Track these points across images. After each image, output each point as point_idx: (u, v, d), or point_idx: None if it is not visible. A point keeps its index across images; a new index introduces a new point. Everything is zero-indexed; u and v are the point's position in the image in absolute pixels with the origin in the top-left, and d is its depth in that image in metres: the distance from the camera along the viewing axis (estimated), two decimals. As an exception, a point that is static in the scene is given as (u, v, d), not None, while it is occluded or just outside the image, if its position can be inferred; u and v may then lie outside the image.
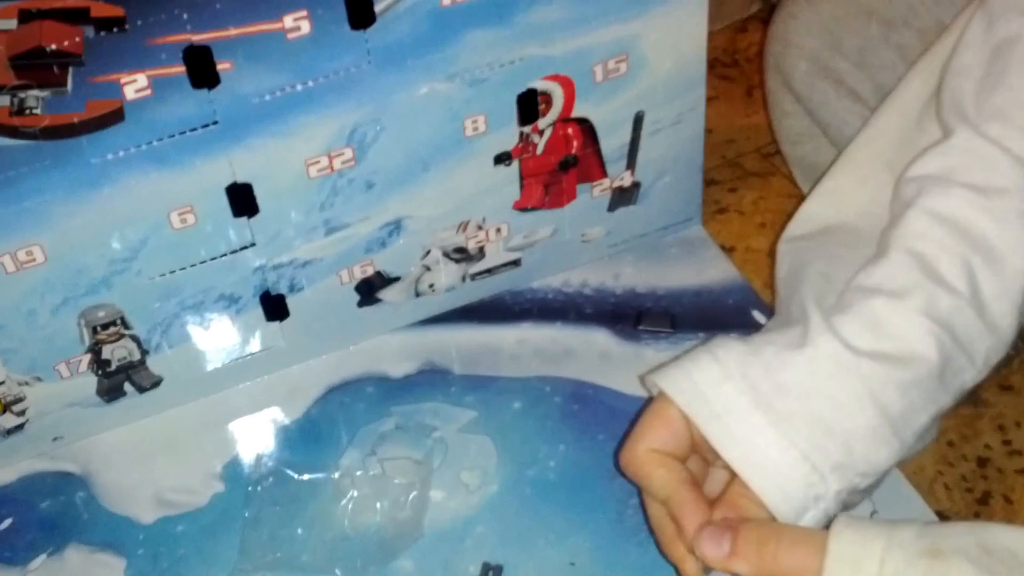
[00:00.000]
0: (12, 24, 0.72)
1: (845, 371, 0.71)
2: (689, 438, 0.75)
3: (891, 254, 0.75)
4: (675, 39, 0.93)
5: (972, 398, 1.01)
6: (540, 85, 0.90)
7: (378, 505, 0.90)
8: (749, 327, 0.98)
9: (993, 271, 0.73)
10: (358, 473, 0.92)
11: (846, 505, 0.72)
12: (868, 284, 0.74)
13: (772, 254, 1.04)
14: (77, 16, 0.73)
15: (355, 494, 0.91)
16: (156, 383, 0.95)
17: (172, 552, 0.89)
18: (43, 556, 0.90)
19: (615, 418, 0.93)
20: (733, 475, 0.73)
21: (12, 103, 0.75)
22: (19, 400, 0.91)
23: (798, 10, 1.00)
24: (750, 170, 1.12)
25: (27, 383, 0.90)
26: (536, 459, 0.92)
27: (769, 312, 0.99)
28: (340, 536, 0.88)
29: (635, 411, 0.92)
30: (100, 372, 0.92)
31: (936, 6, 0.93)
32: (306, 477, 0.92)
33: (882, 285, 0.74)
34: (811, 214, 0.86)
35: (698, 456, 0.77)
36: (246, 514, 0.90)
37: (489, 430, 0.94)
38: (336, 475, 0.92)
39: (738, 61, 1.23)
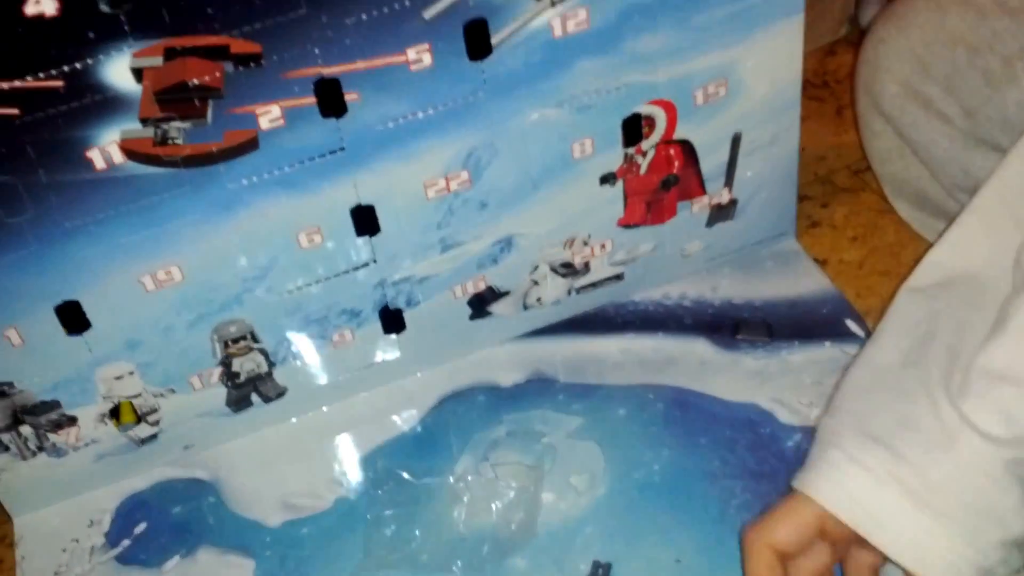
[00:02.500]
0: (159, 61, 0.77)
1: (989, 462, 0.74)
2: (812, 536, 0.79)
3: (1016, 334, 0.76)
4: (772, 63, 0.96)
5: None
6: (644, 109, 0.94)
7: (492, 507, 0.93)
8: (843, 335, 1.01)
9: None
10: (472, 478, 0.95)
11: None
12: (995, 368, 0.76)
13: (863, 266, 1.07)
14: (218, 53, 0.78)
15: (470, 497, 0.94)
16: (281, 393, 1.00)
17: (298, 553, 0.93)
18: (176, 558, 0.94)
19: (716, 423, 0.96)
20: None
21: (156, 134, 0.80)
22: (154, 411, 0.96)
23: (888, 35, 1.02)
24: (841, 186, 1.15)
25: (162, 395, 0.95)
26: (641, 463, 0.95)
27: (861, 322, 1.02)
28: (457, 537, 0.92)
29: (735, 416, 0.97)
30: (230, 384, 0.97)
31: (1019, 31, 0.95)
32: (423, 481, 0.96)
33: (1008, 371, 0.75)
34: (936, 263, 0.87)
35: (825, 546, 0.80)
36: (368, 516, 0.94)
37: (595, 436, 0.97)
38: (451, 479, 0.95)
39: (828, 82, 1.26)
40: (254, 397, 0.99)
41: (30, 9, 0.71)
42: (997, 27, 0.95)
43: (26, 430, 0.94)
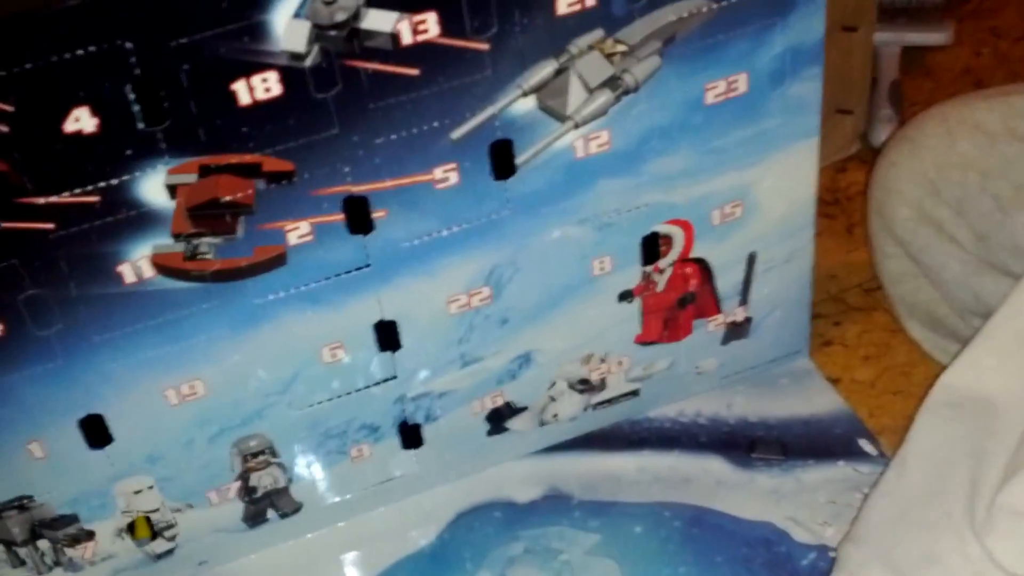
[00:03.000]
0: (193, 178, 0.79)
1: None
2: None
3: None
4: (787, 184, 0.98)
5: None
6: (662, 229, 0.96)
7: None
8: (856, 455, 1.03)
9: None
10: (488, 596, 0.96)
11: None
12: (1017, 506, 0.78)
13: (875, 385, 1.09)
14: (251, 170, 0.80)
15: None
16: (297, 509, 1.00)
17: None
18: None
19: (732, 541, 0.97)
20: None
21: (187, 249, 0.82)
22: (171, 526, 0.97)
23: (899, 159, 1.05)
24: (853, 305, 1.17)
25: (180, 510, 0.96)
26: (659, 580, 0.96)
27: (874, 441, 1.03)
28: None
29: (750, 535, 0.98)
30: (247, 499, 0.98)
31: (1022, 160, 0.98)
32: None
33: None
34: (950, 386, 0.89)
35: None
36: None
37: (613, 553, 0.98)
38: (469, 597, 0.96)
39: (839, 200, 1.29)
40: (270, 512, 1.00)
41: (69, 127, 0.73)
42: (1008, 153, 0.98)
43: (43, 545, 0.94)
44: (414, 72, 0.80)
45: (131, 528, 0.95)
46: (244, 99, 0.76)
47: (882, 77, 1.39)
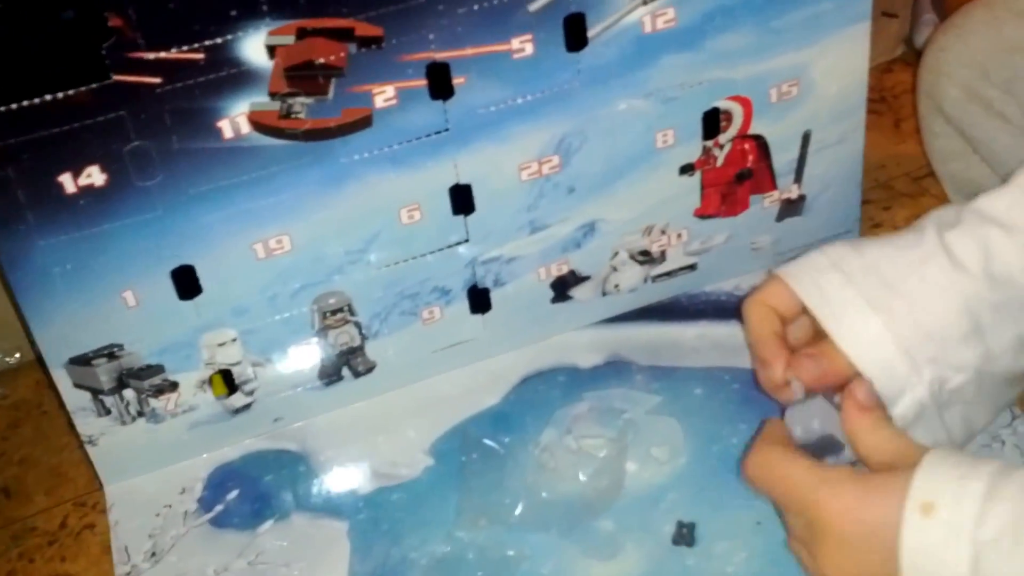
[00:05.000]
0: (291, 40, 0.88)
1: (952, 288, 0.83)
2: (798, 305, 0.88)
3: (1015, 192, 0.85)
4: (841, 66, 1.07)
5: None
6: (723, 104, 1.05)
7: (579, 475, 1.03)
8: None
9: None
10: (556, 449, 1.05)
11: (936, 401, 0.83)
12: (989, 211, 0.85)
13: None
14: (344, 35, 0.90)
15: (555, 466, 1.04)
16: (371, 368, 1.10)
17: (391, 515, 1.03)
18: (270, 522, 1.04)
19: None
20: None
21: (282, 108, 0.92)
22: (249, 380, 1.07)
23: (948, 44, 1.14)
24: (901, 191, 1.26)
25: (260, 364, 1.06)
26: (720, 436, 1.05)
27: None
28: (543, 501, 1.02)
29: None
30: (324, 356, 1.08)
31: None
32: (510, 451, 1.06)
33: (999, 217, 0.84)
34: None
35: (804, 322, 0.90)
36: (458, 482, 1.04)
37: (675, 412, 1.07)
38: (536, 451, 1.06)
39: (886, 98, 1.38)
40: (345, 371, 1.10)
41: (181, -13, 0.83)
42: None
43: (129, 394, 1.04)
44: (495, -57, 0.89)
45: (211, 380, 1.05)
46: (340, -35, 0.86)
47: (925, -14, 1.48)
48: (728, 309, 1.16)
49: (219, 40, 0.86)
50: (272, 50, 0.88)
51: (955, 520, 0.70)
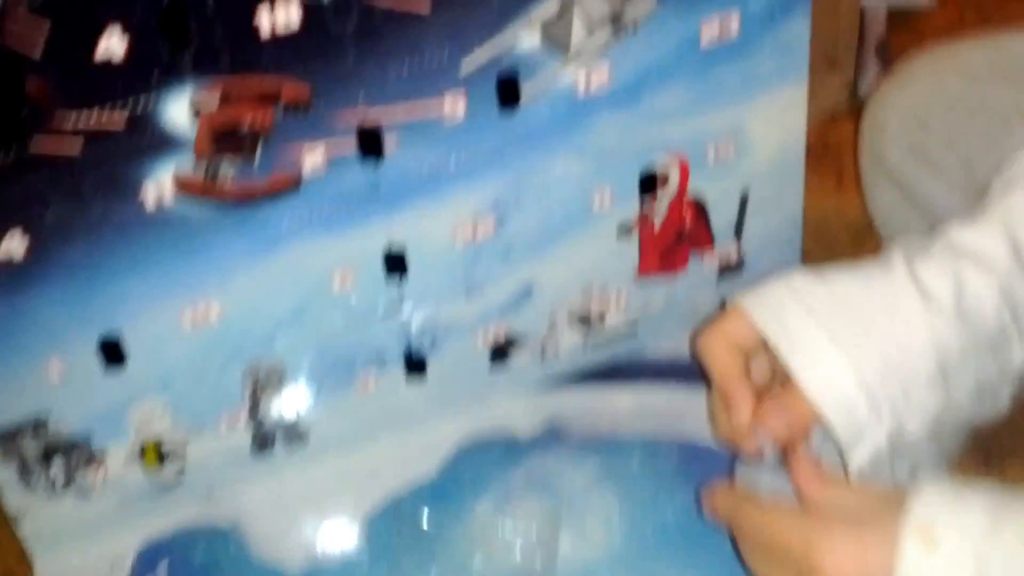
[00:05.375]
0: (215, 102, 0.87)
1: (921, 327, 0.81)
2: (758, 338, 0.85)
3: (990, 226, 0.84)
4: (778, 126, 1.07)
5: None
6: (660, 164, 1.05)
7: (512, 554, 1.02)
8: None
9: None
10: (489, 525, 1.04)
11: (893, 448, 0.81)
12: (961, 244, 0.84)
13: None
14: (270, 97, 0.88)
15: (487, 544, 1.03)
16: (304, 437, 1.09)
17: (322, 598, 1.01)
18: (199, 604, 1.03)
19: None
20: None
21: (207, 172, 0.90)
22: (180, 452, 1.05)
23: (890, 97, 1.14)
24: (842, 248, 1.26)
25: (190, 435, 1.04)
26: (656, 512, 1.04)
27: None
28: (475, 582, 1.01)
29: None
30: (256, 426, 1.06)
31: (1014, 93, 1.06)
32: (442, 528, 1.04)
33: (974, 251, 0.83)
34: None
35: (764, 357, 0.87)
36: (387, 563, 1.03)
37: (611, 485, 1.06)
38: (470, 527, 1.04)
39: (829, 150, 1.38)
40: (278, 440, 1.08)
41: (101, 49, 0.82)
42: (993, 89, 1.07)
43: (55, 468, 1.02)
44: (424, 9, 0.88)
45: (142, 452, 1.03)
46: (266, 29, 0.85)
47: (869, 35, 1.49)
48: (667, 372, 1.15)
49: (141, 104, 0.85)
50: (197, 113, 0.87)
51: (958, 555, 0.69)
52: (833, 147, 1.39)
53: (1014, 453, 1.13)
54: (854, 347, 0.81)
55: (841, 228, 1.28)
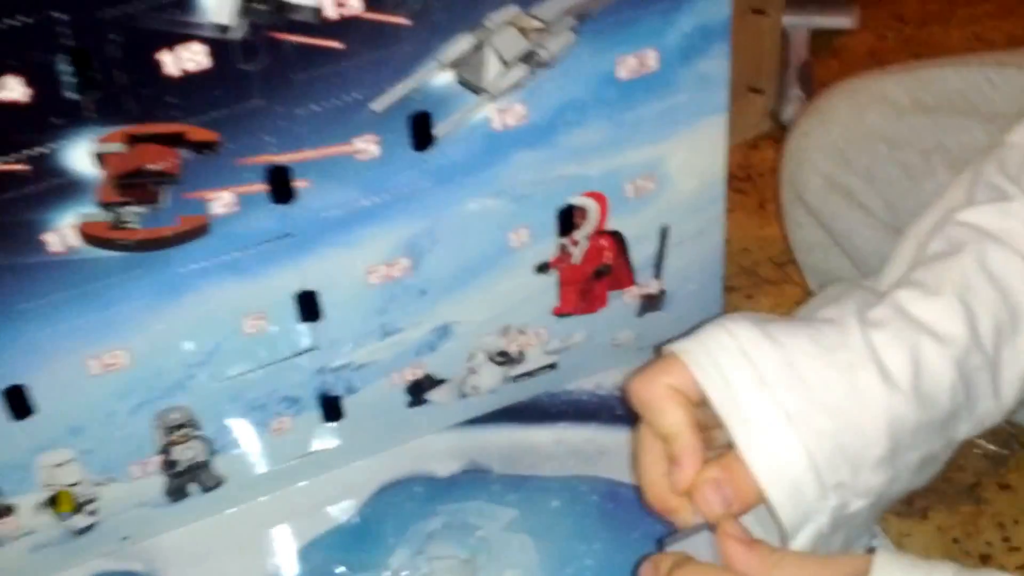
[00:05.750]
0: (120, 147, 0.85)
1: (878, 406, 0.78)
2: (699, 391, 0.81)
3: (947, 300, 0.82)
4: (697, 159, 1.07)
5: (973, 497, 1.12)
6: (577, 201, 1.04)
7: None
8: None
9: (1015, 341, 0.83)
10: (405, 573, 1.03)
11: (834, 525, 0.79)
12: (918, 317, 0.81)
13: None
14: (176, 140, 0.87)
15: (404, 590, 1.02)
16: (219, 483, 1.07)
17: (235, 648, 1.00)
18: (110, 653, 1.01)
19: (648, 516, 1.03)
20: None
21: (112, 218, 0.88)
22: (92, 500, 1.03)
23: (810, 130, 1.14)
24: (765, 278, 1.26)
25: (101, 483, 1.02)
26: (574, 556, 1.03)
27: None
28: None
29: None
30: (169, 473, 1.04)
31: (935, 128, 1.07)
32: (358, 573, 1.03)
33: (931, 326, 0.81)
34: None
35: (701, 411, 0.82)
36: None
37: (529, 528, 1.05)
38: (387, 574, 1.03)
39: (751, 176, 1.39)
40: (192, 487, 1.06)
41: (2, 94, 0.80)
42: (914, 123, 1.07)
43: (-39, 521, 1.00)
44: (337, 45, 0.87)
45: (52, 502, 1.01)
46: (171, 70, 0.83)
47: (791, 58, 1.50)
48: (589, 410, 1.15)
49: (43, 150, 0.83)
50: (101, 158, 0.85)
51: None
52: (756, 172, 1.39)
53: (936, 493, 1.14)
54: (808, 428, 0.78)
55: (764, 259, 1.28)
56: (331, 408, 1.07)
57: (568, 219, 1.05)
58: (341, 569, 1.04)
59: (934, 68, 1.11)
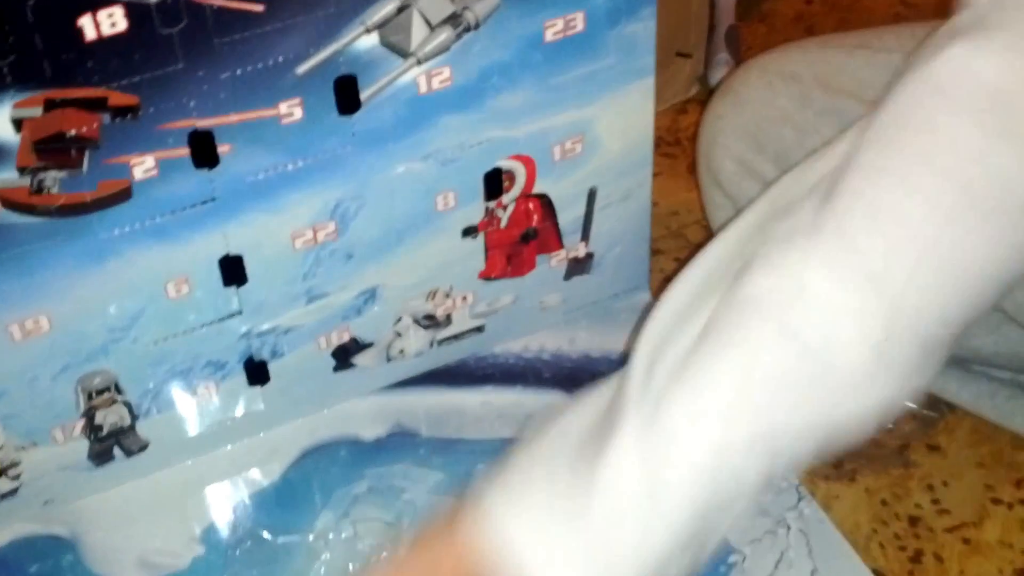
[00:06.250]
0: (38, 112, 0.85)
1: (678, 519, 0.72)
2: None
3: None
4: (625, 122, 1.08)
5: (903, 459, 1.14)
6: (505, 164, 1.05)
7: (350, 567, 1.02)
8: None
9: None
10: (331, 536, 1.04)
11: None
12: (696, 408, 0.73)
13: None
14: (96, 104, 0.87)
15: (328, 556, 1.02)
16: (143, 447, 1.07)
17: (155, 612, 1.01)
18: (31, 617, 1.01)
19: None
20: None
21: (32, 183, 0.88)
22: (15, 464, 1.03)
23: (724, 112, 1.15)
24: (693, 240, 1.27)
25: (24, 448, 1.02)
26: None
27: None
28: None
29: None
30: (92, 437, 1.04)
31: (840, 115, 1.07)
32: (282, 540, 1.04)
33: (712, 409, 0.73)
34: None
35: None
36: (227, 572, 1.02)
37: (455, 491, 1.06)
38: (311, 537, 1.04)
39: (680, 140, 1.40)
40: (116, 451, 1.06)
41: (-86, 59, 0.80)
42: (819, 108, 1.08)
43: None
44: (258, 8, 0.87)
45: (-23, 465, 1.02)
46: (90, 34, 0.83)
47: (719, 22, 1.51)
48: (515, 373, 1.16)
49: (-40, 115, 0.83)
50: (19, 123, 0.85)
51: None
52: (684, 137, 1.40)
53: (864, 456, 1.15)
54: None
55: (692, 222, 1.29)
56: (256, 372, 1.07)
57: (495, 182, 1.06)
58: (265, 533, 1.05)
59: (843, 48, 1.11)
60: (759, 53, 1.17)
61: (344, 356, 1.11)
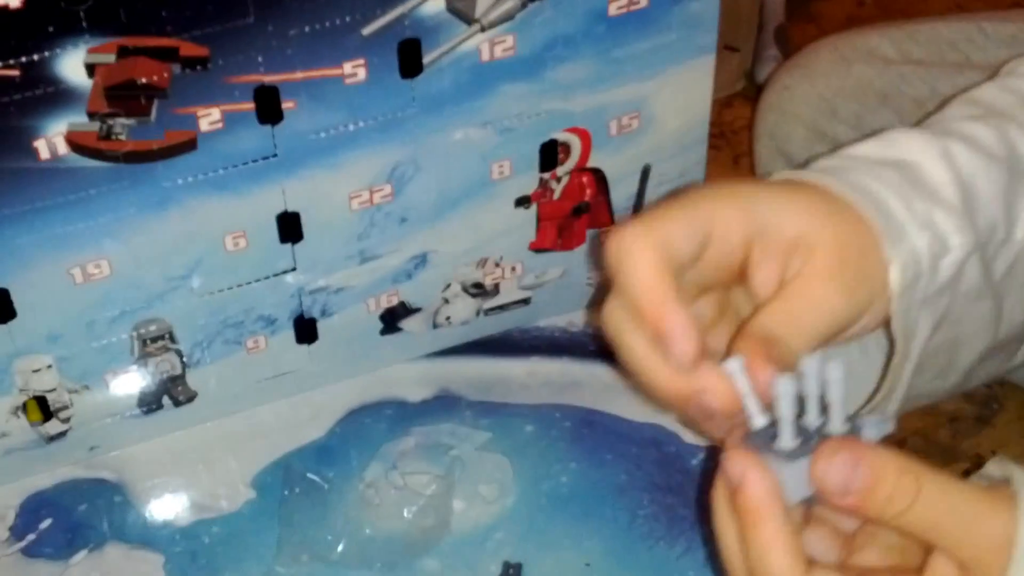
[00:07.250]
0: (111, 59, 0.89)
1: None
2: (696, 251, 0.72)
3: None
4: (683, 100, 1.11)
5: (952, 429, 1.16)
6: (561, 136, 1.08)
7: (404, 513, 1.05)
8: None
9: None
10: (382, 485, 1.07)
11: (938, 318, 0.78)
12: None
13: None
14: (168, 54, 0.90)
15: (380, 503, 1.06)
16: (191, 398, 1.11)
17: (209, 549, 1.04)
18: (83, 552, 1.04)
19: (622, 441, 1.10)
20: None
21: (101, 129, 0.92)
22: (65, 408, 1.07)
23: (793, 83, 1.18)
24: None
25: (76, 391, 1.06)
26: (549, 474, 1.08)
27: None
28: (366, 539, 1.04)
29: (640, 435, 1.09)
30: (143, 384, 1.08)
31: (928, 76, 1.10)
32: (333, 487, 1.08)
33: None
34: None
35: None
36: (279, 517, 1.06)
37: (504, 449, 1.10)
38: (361, 486, 1.08)
39: (724, 133, 1.43)
40: (165, 400, 1.10)
41: (-5, 0, 0.84)
42: (904, 72, 1.11)
43: (-63, 420, 1.03)
44: (330, -33, 0.91)
45: (24, 408, 1.05)
46: (165, -17, 0.87)
47: (768, 20, 1.54)
48: (560, 345, 1.19)
49: (36, 57, 0.86)
50: (92, 69, 0.89)
51: None
52: (729, 130, 1.43)
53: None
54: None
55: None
56: (306, 330, 1.11)
57: (551, 154, 1.09)
58: (315, 479, 1.09)
59: (917, 24, 1.14)
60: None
61: (391, 319, 1.14)
